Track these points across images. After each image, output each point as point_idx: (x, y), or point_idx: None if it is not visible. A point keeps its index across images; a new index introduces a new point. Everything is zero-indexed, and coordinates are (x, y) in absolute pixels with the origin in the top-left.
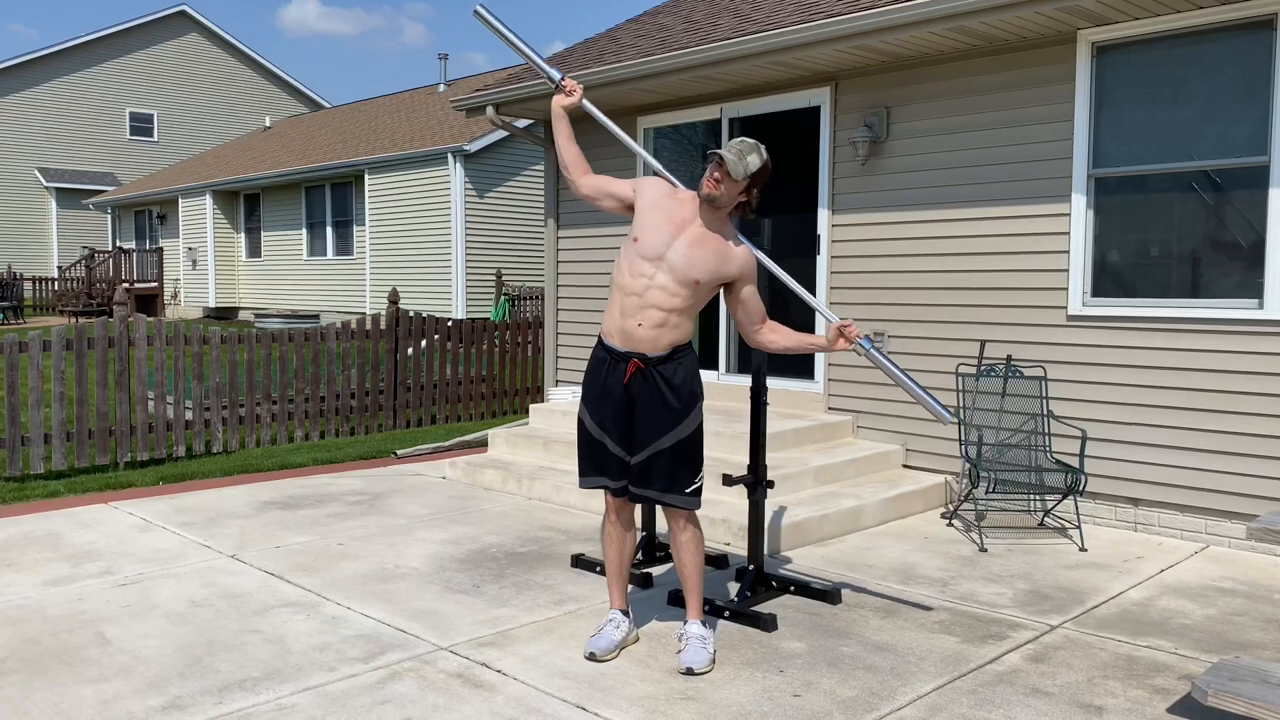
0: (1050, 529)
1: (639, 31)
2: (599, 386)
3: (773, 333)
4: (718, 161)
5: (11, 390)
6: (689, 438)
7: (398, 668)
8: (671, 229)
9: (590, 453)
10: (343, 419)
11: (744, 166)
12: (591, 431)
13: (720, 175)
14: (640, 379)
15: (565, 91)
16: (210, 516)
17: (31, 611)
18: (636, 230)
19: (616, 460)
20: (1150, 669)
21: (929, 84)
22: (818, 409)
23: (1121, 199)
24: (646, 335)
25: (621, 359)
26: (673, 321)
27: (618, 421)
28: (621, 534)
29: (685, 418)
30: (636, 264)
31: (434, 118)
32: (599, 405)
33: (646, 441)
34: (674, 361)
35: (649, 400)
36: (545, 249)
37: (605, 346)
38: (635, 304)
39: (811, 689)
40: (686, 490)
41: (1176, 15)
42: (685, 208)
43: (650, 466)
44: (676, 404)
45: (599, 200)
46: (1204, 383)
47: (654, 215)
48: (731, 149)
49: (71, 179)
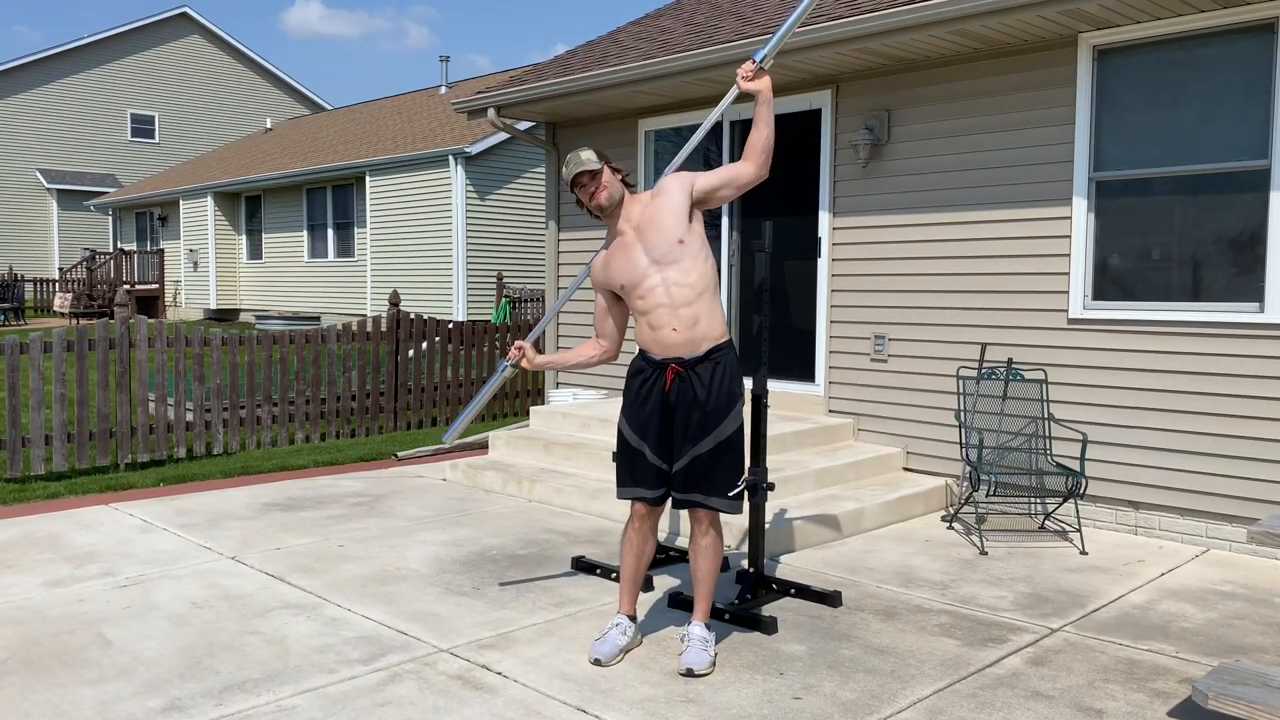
0: (1051, 532)
1: (641, 34)
2: (638, 396)
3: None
4: (585, 181)
5: (12, 391)
6: (729, 439)
7: (398, 670)
8: (628, 250)
9: (629, 462)
10: (343, 421)
11: (587, 158)
12: (630, 441)
13: (594, 184)
14: (679, 383)
15: (511, 364)
16: (211, 518)
17: (32, 612)
18: (619, 284)
19: (655, 470)
20: (1151, 672)
21: (930, 87)
22: (818, 411)
23: (1122, 202)
24: (683, 339)
25: (660, 367)
26: (704, 311)
27: (656, 431)
28: (643, 541)
29: (724, 419)
30: (639, 291)
31: (435, 120)
32: (638, 414)
33: (685, 446)
34: (711, 361)
35: (687, 404)
36: (546, 251)
37: (644, 356)
38: (664, 313)
39: (812, 691)
40: (729, 494)
41: (1177, 19)
42: (616, 229)
43: (691, 471)
44: (713, 405)
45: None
46: (1204, 386)
47: (617, 262)
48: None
49: (73, 180)
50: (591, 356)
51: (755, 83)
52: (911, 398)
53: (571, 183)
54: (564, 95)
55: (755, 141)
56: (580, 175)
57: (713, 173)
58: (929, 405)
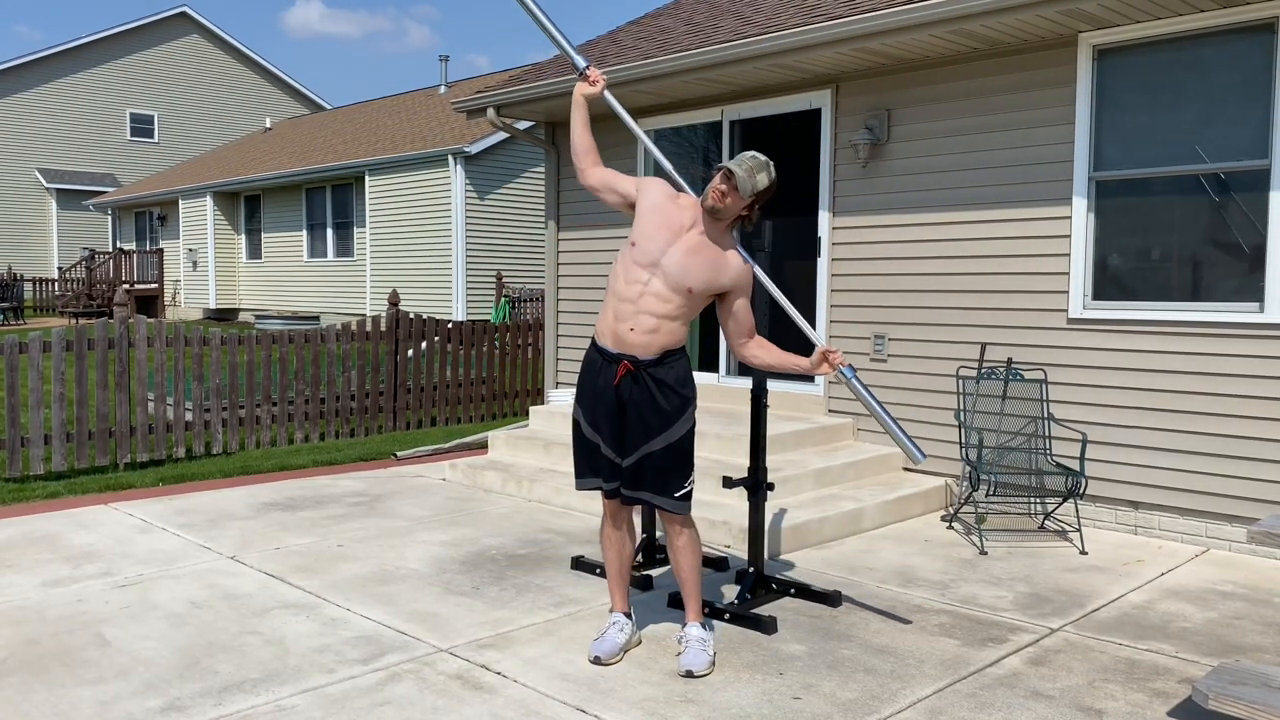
0: (1051, 532)
1: (640, 33)
2: (591, 388)
3: (759, 348)
4: (726, 175)
5: (11, 391)
6: (679, 441)
7: (397, 669)
8: (669, 235)
9: (584, 454)
10: (343, 420)
11: (752, 184)
12: (585, 433)
13: (727, 189)
14: (631, 381)
15: (589, 80)
16: (210, 518)
17: (31, 612)
18: (634, 235)
19: (609, 462)
20: (1150, 672)
21: (930, 86)
22: (818, 411)
23: (1122, 202)
24: (639, 340)
25: (613, 360)
26: (665, 328)
27: (610, 423)
28: (620, 537)
29: (676, 421)
30: (632, 270)
31: (435, 119)
32: (591, 407)
33: (637, 444)
34: (665, 364)
35: (639, 403)
36: (545, 251)
37: (597, 347)
38: (629, 309)
39: (811, 691)
40: (676, 494)
41: (1177, 19)
42: (685, 214)
43: (641, 469)
44: (667, 406)
45: (603, 193)
46: (1205, 386)
47: (652, 219)
48: (743, 165)
49: (72, 180)
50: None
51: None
52: (911, 397)
53: (724, 169)
54: (563, 95)
55: (763, 358)
56: (734, 175)
57: (748, 309)
58: (929, 405)
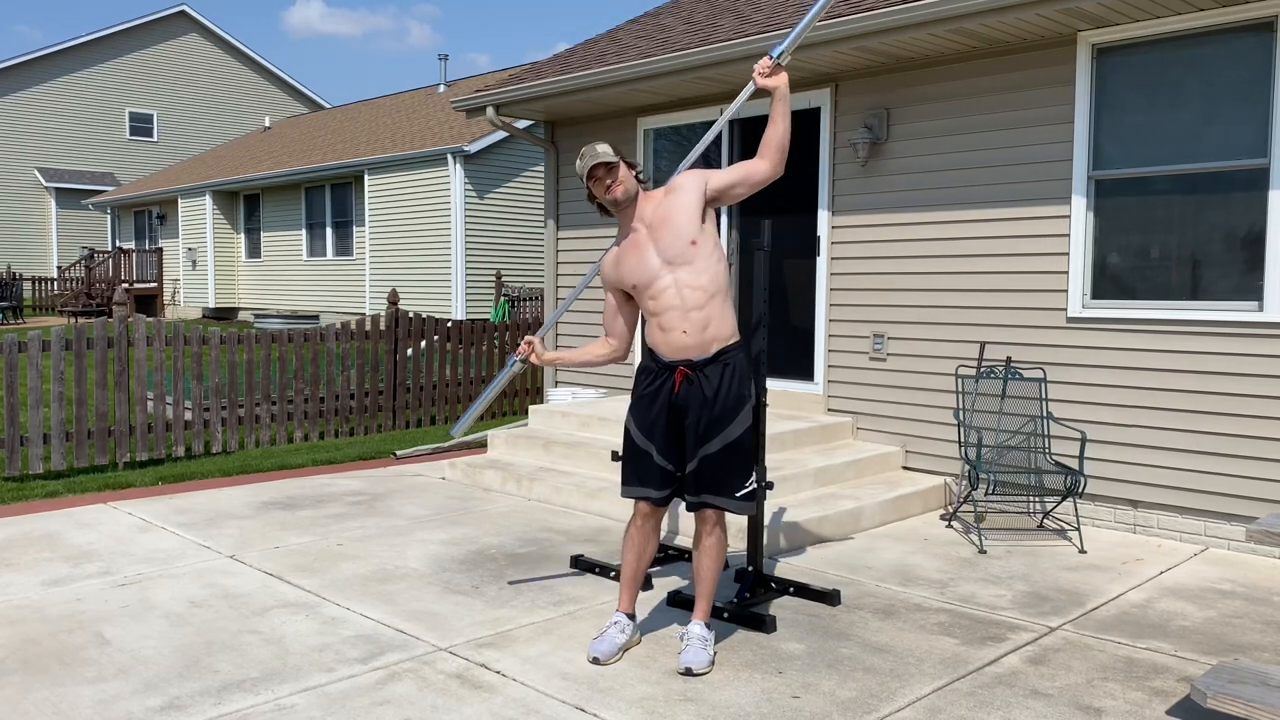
0: (1050, 531)
1: (640, 32)
2: (646, 396)
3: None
4: (600, 174)
5: (11, 390)
6: (738, 440)
7: (397, 668)
8: (640, 250)
9: (635, 462)
10: (342, 420)
11: (602, 151)
12: (637, 440)
13: (610, 180)
14: (688, 385)
15: (520, 359)
16: (209, 517)
17: (31, 612)
18: (630, 284)
19: (660, 471)
20: (1149, 671)
21: (929, 85)
22: (817, 410)
23: (1121, 201)
24: (693, 341)
25: (669, 368)
26: (714, 313)
27: (664, 432)
28: (645, 540)
29: (733, 420)
30: (651, 291)
31: (434, 118)
32: (645, 415)
33: (695, 448)
34: (720, 363)
35: (697, 405)
36: (545, 250)
37: (653, 357)
38: (675, 316)
39: (811, 690)
40: (737, 494)
41: (1177, 18)
42: (628, 226)
43: (701, 472)
44: (722, 407)
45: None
46: (1204, 385)
47: (627, 264)
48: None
49: (71, 179)
50: (600, 355)
51: (773, 79)
52: (910, 396)
53: (586, 176)
54: (563, 94)
55: (772, 137)
56: (596, 168)
57: (727, 170)
58: (928, 404)
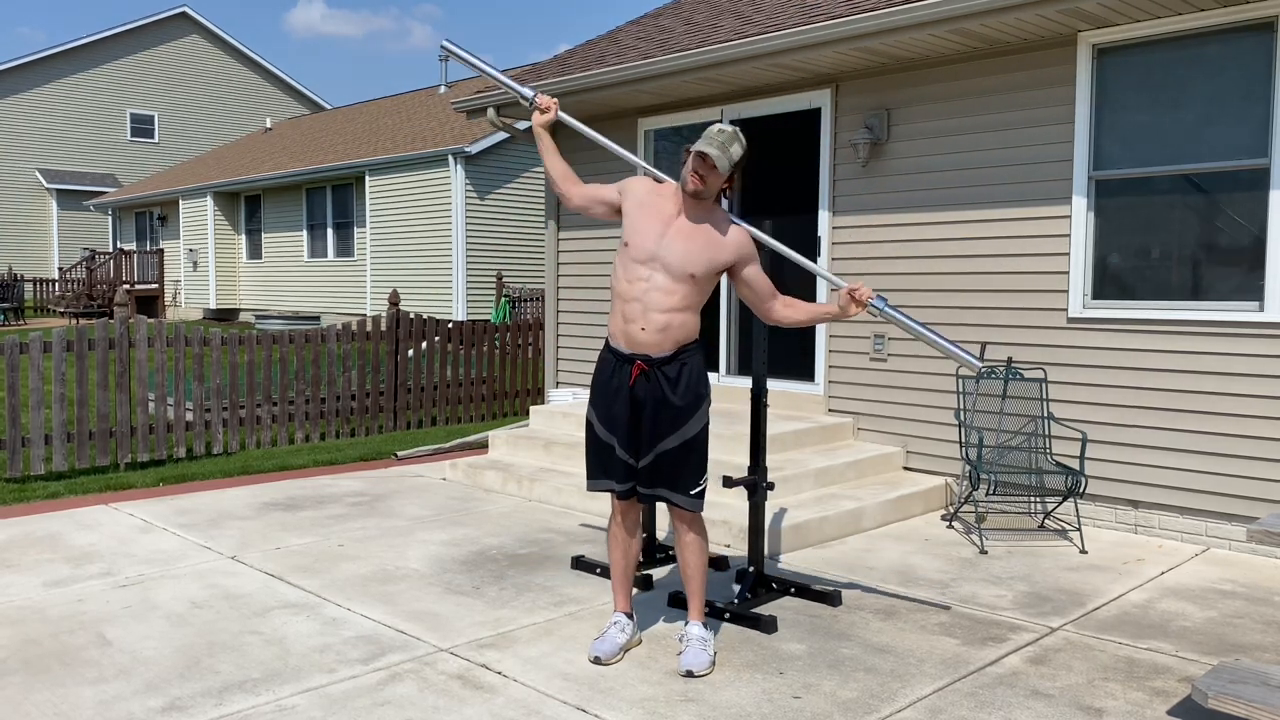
0: (1051, 531)
1: (640, 33)
2: (606, 389)
3: (786, 308)
4: (700, 156)
5: (12, 391)
6: (694, 438)
7: (398, 669)
8: (659, 226)
9: (598, 455)
10: (343, 420)
11: (729, 158)
12: (599, 434)
13: (704, 170)
14: (645, 380)
15: (540, 109)
16: (211, 518)
17: (32, 612)
18: (626, 234)
19: (623, 464)
20: (1150, 671)
21: (930, 86)
22: (818, 411)
23: (1122, 201)
24: (651, 339)
25: (626, 361)
26: (676, 321)
27: (624, 424)
28: (627, 537)
29: (690, 418)
30: (631, 269)
31: (435, 119)
32: (606, 408)
33: (652, 443)
34: (678, 361)
35: (654, 401)
36: (545, 251)
37: (611, 348)
38: (637, 309)
39: (812, 691)
40: (691, 491)
41: (1177, 18)
42: (670, 202)
43: (657, 467)
44: (680, 404)
45: (591, 208)
46: (1204, 385)
47: (641, 216)
48: (713, 143)
49: (72, 180)
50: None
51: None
52: (911, 397)
53: (697, 152)
54: (563, 94)
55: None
56: (709, 156)
57: (761, 274)
58: (928, 404)
